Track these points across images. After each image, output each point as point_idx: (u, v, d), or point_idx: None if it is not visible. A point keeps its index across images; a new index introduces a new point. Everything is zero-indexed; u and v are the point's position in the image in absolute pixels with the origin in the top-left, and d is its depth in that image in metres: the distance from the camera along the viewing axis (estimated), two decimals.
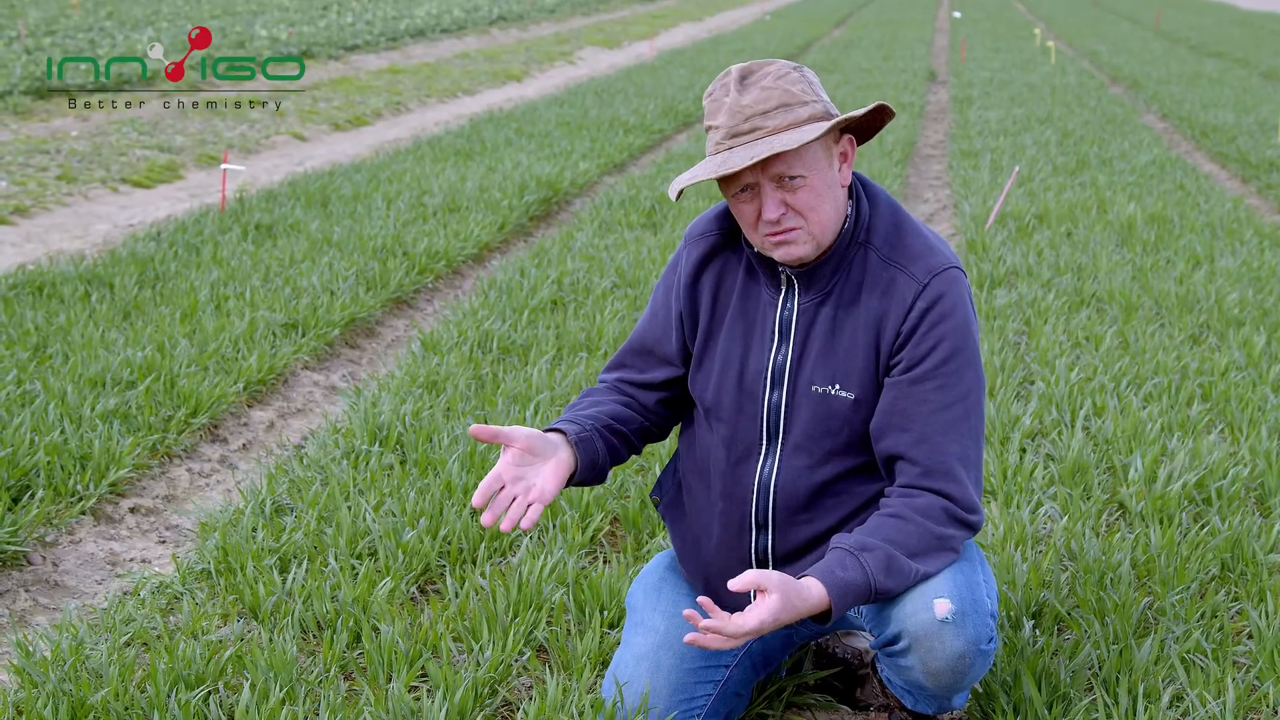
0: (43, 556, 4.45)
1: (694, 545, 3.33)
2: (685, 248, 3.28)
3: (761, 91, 2.95)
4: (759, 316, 3.17)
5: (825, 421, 3.11)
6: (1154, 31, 32.13)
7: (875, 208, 3.14)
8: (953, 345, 3.04)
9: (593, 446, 3.15)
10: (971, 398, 3.07)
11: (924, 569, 2.97)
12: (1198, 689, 3.44)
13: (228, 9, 28.86)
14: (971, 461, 3.07)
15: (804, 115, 2.95)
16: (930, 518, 3.00)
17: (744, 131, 2.95)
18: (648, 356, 3.33)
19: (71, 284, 7.14)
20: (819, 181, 2.99)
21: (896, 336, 3.06)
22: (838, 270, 3.10)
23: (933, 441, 3.02)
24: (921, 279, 3.05)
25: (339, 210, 9.39)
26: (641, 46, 27.09)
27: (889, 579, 2.93)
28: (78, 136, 13.17)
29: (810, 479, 3.14)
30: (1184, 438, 5.19)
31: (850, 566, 2.92)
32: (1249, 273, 7.83)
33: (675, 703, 3.21)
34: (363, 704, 3.34)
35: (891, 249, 3.09)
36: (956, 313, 3.05)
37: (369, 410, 5.31)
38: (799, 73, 2.99)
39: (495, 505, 2.96)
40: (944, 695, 3.16)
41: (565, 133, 13.45)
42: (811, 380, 3.11)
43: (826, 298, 3.11)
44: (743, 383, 3.17)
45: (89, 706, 3.31)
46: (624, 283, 7.48)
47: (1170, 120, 15.93)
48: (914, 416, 3.03)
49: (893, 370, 3.07)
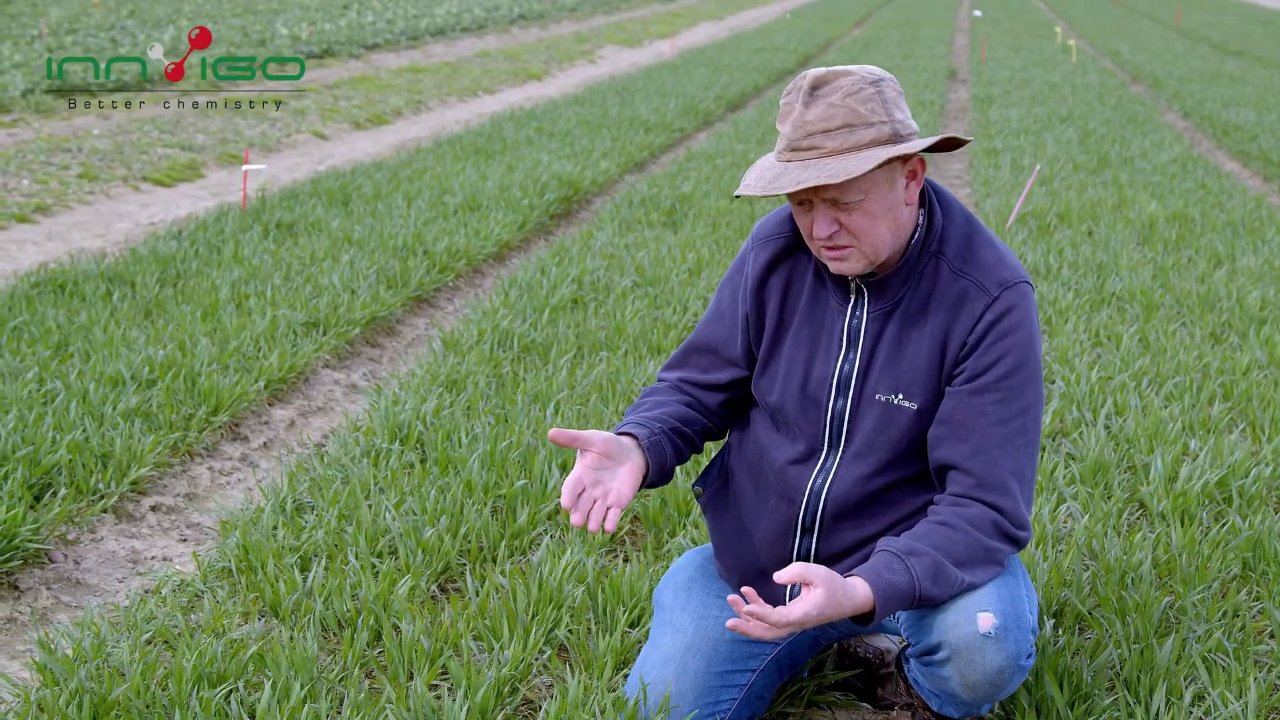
0: (64, 554, 4.46)
1: (735, 541, 3.31)
2: (753, 249, 3.23)
3: (828, 108, 2.86)
4: (827, 323, 3.15)
5: (887, 430, 3.09)
6: (1175, 30, 32.02)
7: (949, 218, 3.10)
8: (1017, 359, 3.01)
9: (662, 450, 3.14)
10: (1031, 413, 3.04)
11: (969, 579, 2.95)
12: (1219, 688, 3.43)
13: (249, 7, 28.92)
14: (1026, 478, 3.04)
15: (867, 139, 2.86)
16: (980, 529, 2.97)
17: (803, 148, 2.88)
18: (711, 356, 3.30)
19: (93, 282, 7.16)
20: (876, 205, 2.93)
21: (963, 347, 3.03)
22: (908, 281, 3.07)
23: (989, 454, 2.99)
24: (993, 291, 3.02)
25: (360, 209, 9.40)
26: (662, 45, 27.08)
27: (935, 586, 2.91)
28: (99, 135, 13.21)
29: (864, 487, 3.12)
30: (1205, 437, 5.18)
31: (898, 570, 2.90)
32: (1271, 271, 7.81)
33: (700, 706, 3.20)
34: (384, 702, 3.35)
35: (963, 260, 3.06)
36: (1024, 327, 3.02)
37: (389, 409, 5.32)
38: (875, 88, 2.89)
39: (579, 507, 2.96)
40: (976, 705, 3.13)
41: (585, 131, 13.45)
42: (876, 389, 3.09)
43: (896, 307, 3.08)
44: (807, 388, 3.15)
45: (111, 704, 3.32)
46: (644, 281, 7.48)
47: (1192, 119, 15.87)
48: (972, 428, 3.01)
49: (955, 380, 3.05)
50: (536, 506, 4.50)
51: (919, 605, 2.95)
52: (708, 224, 9.12)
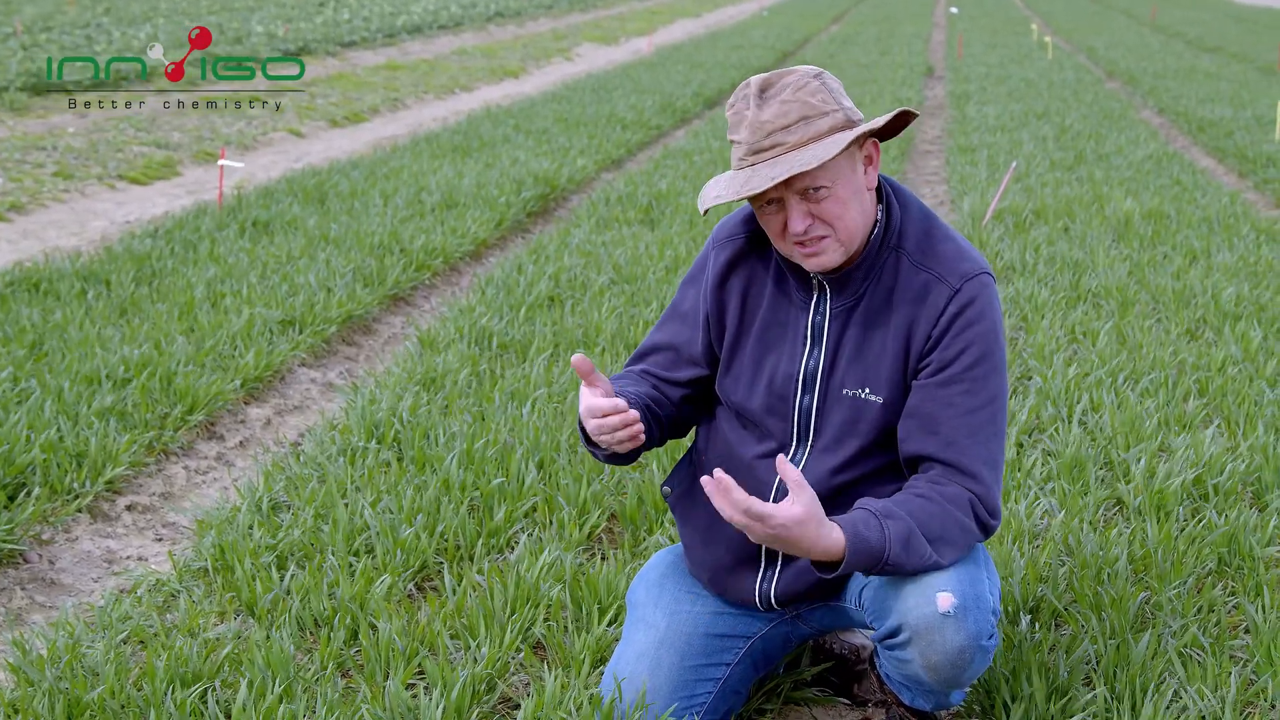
0: (39, 554, 4.44)
1: (704, 538, 3.31)
2: (713, 249, 3.26)
3: (781, 105, 2.92)
4: (790, 321, 3.17)
5: (855, 425, 3.11)
6: (1151, 26, 32.14)
7: (906, 212, 3.13)
8: (982, 349, 3.03)
9: (644, 419, 3.16)
10: (997, 402, 3.06)
11: (936, 557, 2.96)
12: (1195, 683, 3.44)
13: (225, 5, 28.84)
14: (996, 465, 3.06)
15: (825, 127, 2.92)
16: (957, 505, 2.99)
17: (765, 148, 2.93)
18: (672, 354, 3.31)
19: (68, 281, 7.14)
20: (844, 190, 2.97)
21: (927, 340, 3.05)
22: (869, 275, 3.09)
23: (959, 444, 3.01)
24: (955, 283, 3.04)
25: (336, 207, 9.38)
26: (639, 42, 27.09)
27: (904, 552, 2.91)
28: (75, 133, 13.15)
29: (832, 481, 3.13)
30: (1181, 433, 5.19)
31: (873, 527, 2.89)
32: (1246, 267, 7.84)
33: (675, 700, 3.20)
34: (360, 701, 3.34)
35: (924, 254, 3.09)
36: (986, 317, 3.05)
37: (366, 407, 5.31)
38: (819, 81, 2.96)
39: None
40: (942, 691, 3.15)
41: (563, 129, 13.45)
42: (843, 384, 3.11)
43: (858, 302, 3.10)
44: (773, 386, 3.16)
45: (85, 705, 3.31)
46: (621, 279, 7.47)
47: (1167, 115, 15.93)
48: (941, 419, 3.02)
49: (921, 373, 3.06)
50: (514, 504, 4.49)
51: (884, 571, 2.94)
52: (684, 221, 9.12)
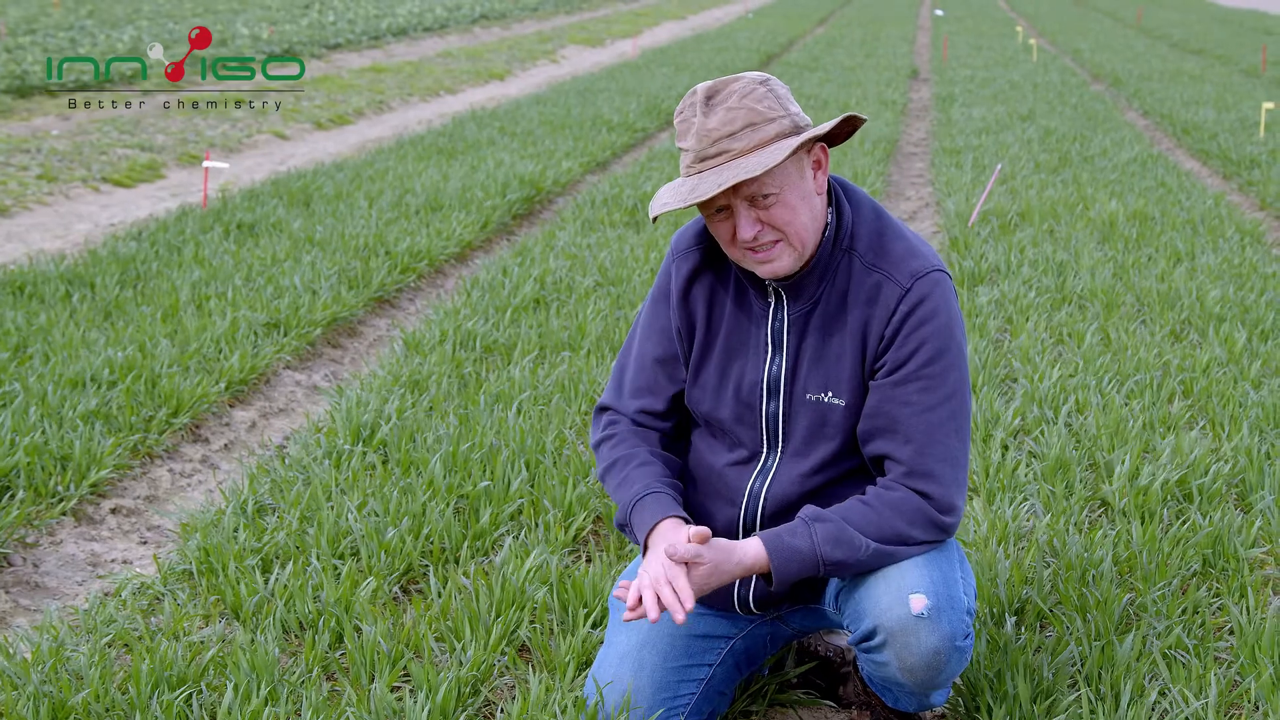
0: (23, 558, 4.43)
1: None
2: (674, 262, 3.27)
3: (727, 113, 2.94)
4: (752, 328, 3.18)
5: (822, 429, 3.14)
6: (1135, 29, 32.20)
7: (858, 213, 3.14)
8: (936, 347, 3.05)
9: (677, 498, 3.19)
10: (956, 399, 3.07)
11: (880, 549, 3.00)
12: (1179, 685, 3.45)
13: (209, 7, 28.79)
14: (957, 462, 3.08)
15: (771, 133, 2.94)
16: (899, 512, 3.02)
17: (711, 155, 2.95)
18: (659, 371, 3.29)
19: (52, 284, 7.12)
20: (792, 195, 2.99)
21: (881, 340, 3.07)
22: (823, 279, 3.11)
23: (916, 443, 3.04)
24: (905, 283, 3.06)
25: (321, 209, 9.37)
26: (625, 45, 27.09)
27: (836, 549, 2.98)
28: (59, 135, 13.12)
29: (803, 485, 3.16)
30: (1166, 434, 5.20)
31: (799, 534, 2.99)
32: (1230, 269, 7.85)
33: (659, 701, 3.21)
34: (345, 704, 3.33)
35: (875, 254, 3.10)
36: (939, 315, 3.06)
37: (351, 410, 5.30)
38: (765, 87, 2.98)
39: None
40: (921, 692, 3.16)
41: (548, 131, 13.44)
42: (806, 389, 3.13)
43: (815, 306, 3.12)
44: (740, 395, 3.18)
45: (70, 708, 3.30)
46: (606, 281, 7.47)
47: (1152, 117, 15.96)
48: (898, 418, 3.05)
49: (877, 374, 3.09)
50: (499, 507, 4.49)
51: (833, 571, 3.01)
52: (670, 223, 9.12)
